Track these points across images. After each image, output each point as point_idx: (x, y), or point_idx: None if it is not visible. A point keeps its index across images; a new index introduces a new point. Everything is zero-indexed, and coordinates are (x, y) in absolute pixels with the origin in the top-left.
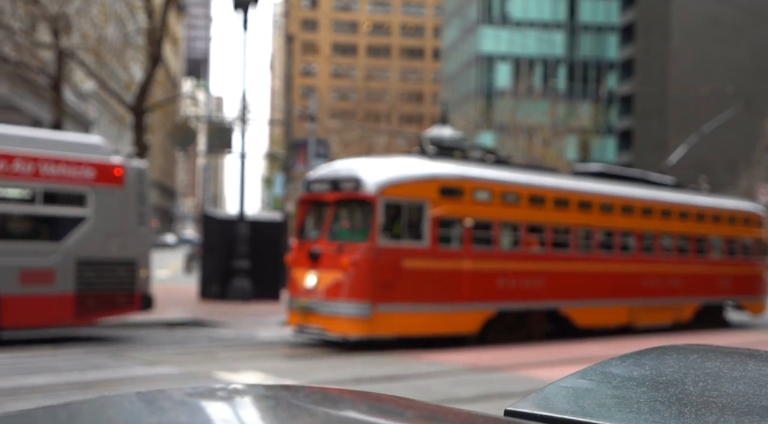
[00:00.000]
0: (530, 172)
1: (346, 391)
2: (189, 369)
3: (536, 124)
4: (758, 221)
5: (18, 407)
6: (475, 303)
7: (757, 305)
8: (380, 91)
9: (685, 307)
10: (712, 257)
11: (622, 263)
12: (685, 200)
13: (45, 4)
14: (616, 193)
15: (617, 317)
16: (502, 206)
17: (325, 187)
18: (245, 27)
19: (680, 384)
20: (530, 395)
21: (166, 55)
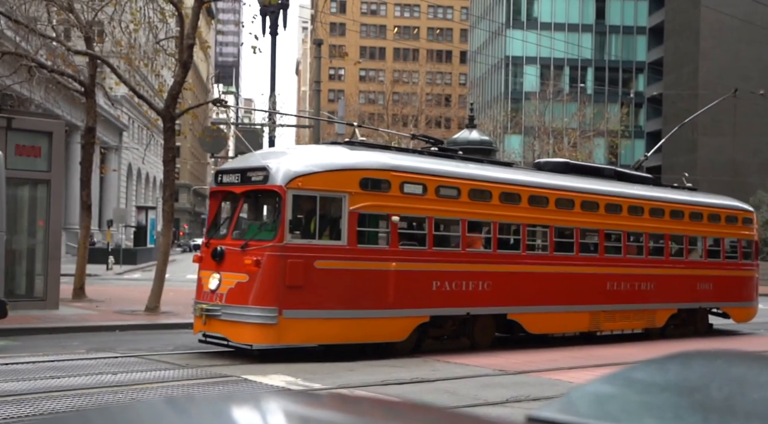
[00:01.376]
0: (478, 165)
1: (363, 397)
2: (219, 371)
3: (564, 127)
4: (748, 221)
5: (51, 407)
6: (403, 308)
7: (742, 312)
8: (407, 95)
9: (657, 312)
10: (691, 259)
11: (582, 264)
12: (659, 197)
13: (79, 12)
14: (576, 188)
15: (576, 324)
16: (438, 201)
17: (235, 179)
18: (273, 32)
19: (705, 390)
20: (553, 400)
21: (197, 61)
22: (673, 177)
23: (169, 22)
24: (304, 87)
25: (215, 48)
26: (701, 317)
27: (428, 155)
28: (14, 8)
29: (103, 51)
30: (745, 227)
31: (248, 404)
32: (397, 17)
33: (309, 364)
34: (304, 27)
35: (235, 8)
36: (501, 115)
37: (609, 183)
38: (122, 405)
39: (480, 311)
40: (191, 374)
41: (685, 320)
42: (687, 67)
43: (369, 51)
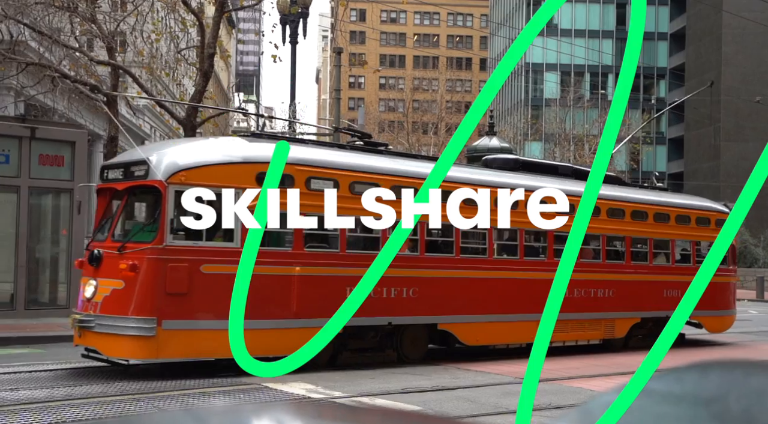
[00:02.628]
0: (408, 161)
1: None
2: (239, 379)
3: (585, 134)
4: (723, 223)
5: (74, 415)
6: (310, 318)
7: (716, 321)
8: (427, 103)
9: (617, 322)
10: (656, 264)
11: (528, 269)
12: (619, 196)
13: (101, 23)
14: (520, 185)
15: (521, 334)
16: (354, 199)
17: (119, 174)
18: (293, 41)
19: (722, 401)
20: (569, 410)
21: (218, 70)
22: (695, 184)
23: (190, 32)
24: (325, 95)
25: (236, 57)
26: None
27: (350, 149)
28: (38, 19)
29: (125, 61)
30: (719, 229)
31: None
32: (416, 25)
33: (329, 372)
34: (324, 35)
35: (256, 17)
36: (521, 122)
37: (564, 181)
38: (141, 415)
39: (404, 320)
40: (211, 382)
41: (652, 330)
42: (709, 73)
43: (389, 59)
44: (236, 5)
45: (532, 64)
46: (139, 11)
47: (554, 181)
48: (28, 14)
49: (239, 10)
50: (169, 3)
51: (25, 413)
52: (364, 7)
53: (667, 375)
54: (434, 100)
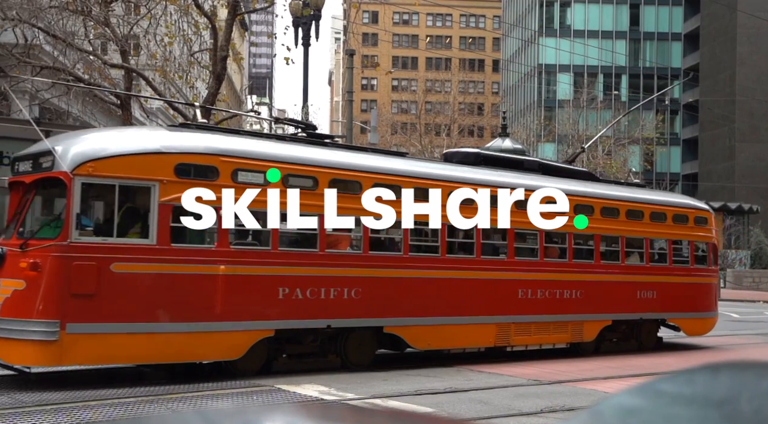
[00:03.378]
0: (352, 153)
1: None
2: (252, 380)
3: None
4: (702, 221)
5: (87, 416)
6: (236, 321)
7: (695, 324)
8: (440, 104)
9: (585, 324)
10: (629, 263)
11: (486, 268)
12: (587, 192)
13: (115, 26)
14: (481, 180)
15: (478, 338)
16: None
17: (28, 166)
18: (306, 43)
19: (734, 402)
20: (578, 412)
21: (231, 73)
22: (710, 185)
23: (203, 35)
24: (337, 97)
25: (249, 60)
26: (647, 330)
27: (289, 141)
28: (52, 23)
29: (139, 64)
30: (699, 227)
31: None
32: (429, 26)
33: (342, 374)
34: (336, 38)
35: (268, 20)
36: (534, 124)
37: (528, 176)
38: (153, 416)
39: (346, 323)
40: (225, 384)
41: (626, 333)
42: (724, 73)
43: (401, 60)
44: (249, 8)
45: (545, 66)
46: (153, 14)
47: (516, 177)
48: (42, 18)
49: (251, 12)
50: (182, 6)
51: (40, 414)
52: (376, 9)
53: (677, 376)
54: (447, 101)
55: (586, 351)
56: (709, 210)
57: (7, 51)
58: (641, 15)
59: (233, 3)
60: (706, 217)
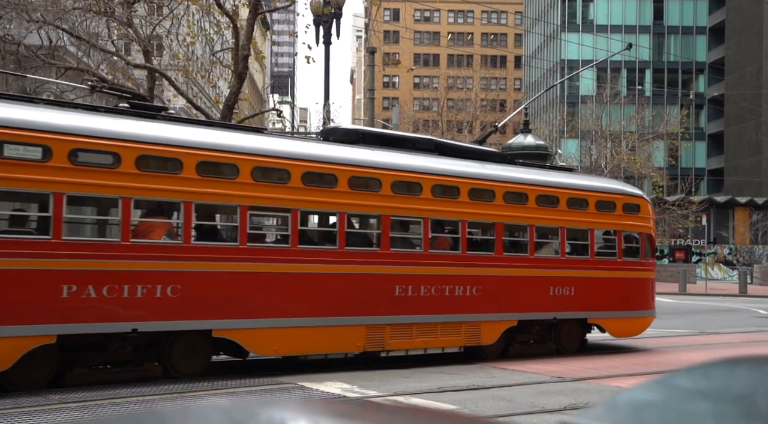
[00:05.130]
0: (182, 127)
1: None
2: (276, 379)
3: (622, 131)
4: (632, 208)
5: (111, 413)
6: (3, 326)
7: (623, 324)
8: (462, 101)
9: (483, 325)
10: (540, 256)
11: (352, 261)
12: (487, 175)
13: (137, 27)
14: (349, 159)
15: (343, 342)
16: (75, 171)
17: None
18: (327, 41)
19: (750, 397)
20: (591, 407)
21: (253, 72)
22: (736, 180)
23: (224, 34)
24: (359, 95)
25: (271, 58)
26: (567, 331)
27: (107, 113)
28: (76, 25)
29: (161, 64)
30: (629, 216)
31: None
32: (450, 23)
33: (365, 371)
34: (358, 36)
35: (290, 19)
36: (557, 120)
37: (419, 157)
38: (175, 410)
39: (157, 326)
40: (248, 381)
41: (541, 334)
42: (750, 67)
43: (423, 58)
44: (270, 7)
45: (568, 61)
46: (175, 15)
47: (402, 157)
48: (66, 20)
49: (273, 11)
50: (204, 6)
51: (63, 412)
52: (397, 6)
53: (693, 371)
54: (469, 98)
55: (489, 356)
56: (642, 196)
57: (32, 53)
58: (665, 9)
59: (254, 2)
60: (638, 204)
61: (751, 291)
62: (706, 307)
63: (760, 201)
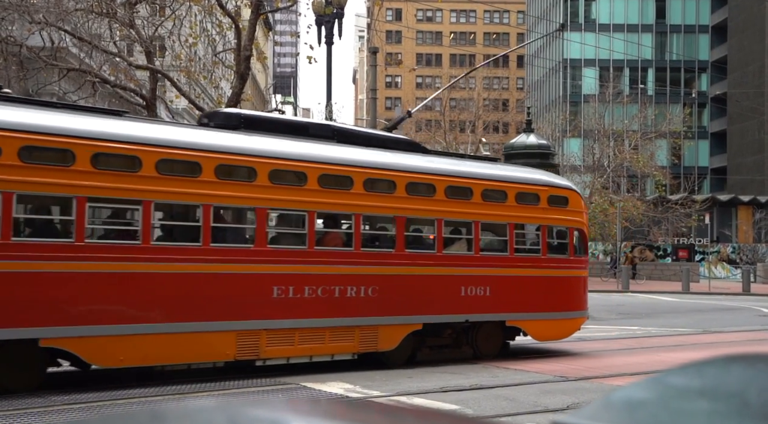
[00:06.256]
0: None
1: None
2: (279, 379)
3: (624, 130)
4: (559, 201)
5: (117, 412)
6: None
7: (547, 326)
8: (464, 101)
9: (381, 330)
10: (449, 252)
11: (215, 260)
12: (387, 164)
13: (140, 28)
14: (215, 146)
15: (204, 350)
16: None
17: None
18: (329, 42)
19: (742, 395)
20: (584, 406)
21: (255, 72)
22: (740, 178)
23: (227, 35)
24: (362, 95)
25: (273, 59)
26: (486, 334)
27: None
28: (78, 26)
29: (164, 65)
30: (555, 209)
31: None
32: (452, 23)
33: (368, 371)
34: (360, 36)
35: (292, 20)
36: (559, 119)
37: (310, 145)
38: (176, 409)
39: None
40: (250, 382)
41: (456, 338)
42: (752, 65)
43: (425, 58)
44: (272, 7)
45: (570, 60)
46: (177, 16)
47: (287, 144)
48: (68, 21)
49: (274, 12)
50: (206, 7)
51: (68, 412)
52: (399, 6)
53: (687, 369)
54: (471, 98)
55: (392, 362)
56: (570, 188)
57: (35, 54)
58: (668, 7)
59: (256, 2)
60: (566, 196)
61: (754, 290)
62: (710, 305)
63: (763, 199)
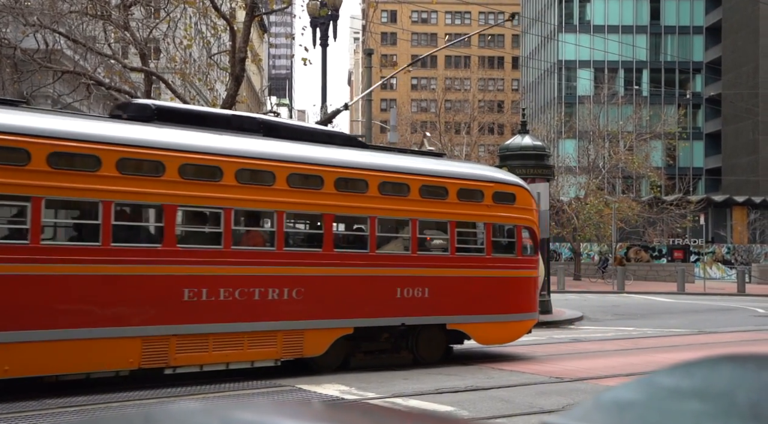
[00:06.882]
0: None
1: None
2: (274, 381)
3: (619, 131)
4: (505, 198)
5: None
6: None
7: (492, 329)
8: (460, 102)
9: (308, 334)
10: (383, 252)
11: (115, 261)
12: (318, 159)
13: (134, 30)
14: (115, 138)
15: (105, 358)
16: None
17: None
18: (324, 44)
19: (730, 396)
20: (573, 407)
21: (250, 74)
22: (734, 179)
23: (221, 37)
24: (357, 96)
25: (268, 61)
26: (426, 338)
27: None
28: (73, 28)
29: (158, 67)
30: (501, 206)
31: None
32: (447, 25)
33: (364, 373)
34: (355, 38)
35: (287, 21)
36: (554, 120)
37: (222, 137)
38: (164, 411)
39: None
40: (247, 384)
41: (395, 343)
42: (746, 66)
43: (420, 59)
44: (267, 9)
45: (565, 62)
46: (171, 18)
47: (203, 137)
48: (63, 23)
49: (269, 14)
50: (201, 9)
51: (61, 415)
52: (394, 8)
53: (676, 369)
54: (466, 99)
55: (322, 368)
56: (518, 184)
57: (29, 56)
58: (662, 9)
59: (251, 4)
60: (512, 193)
61: (749, 290)
62: (705, 306)
63: (758, 200)
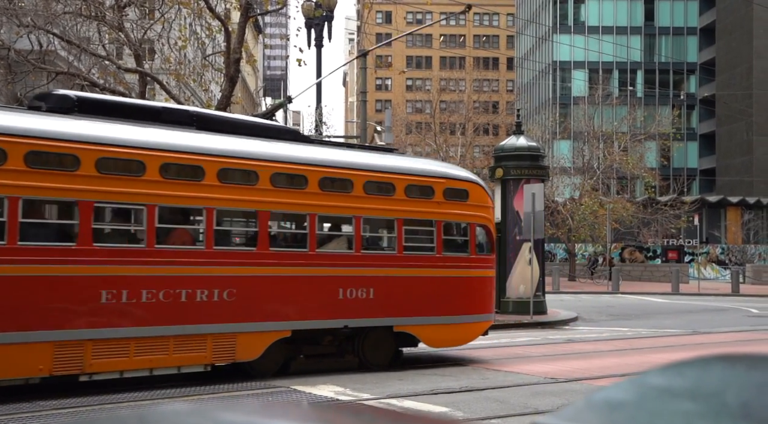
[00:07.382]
0: None
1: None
2: (269, 382)
3: (614, 131)
4: (458, 195)
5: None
6: None
7: (442, 332)
8: (454, 103)
9: (240, 338)
10: (325, 250)
11: (23, 261)
12: (253, 153)
13: (129, 31)
14: (22, 130)
15: (7, 365)
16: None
17: None
18: (319, 44)
19: (721, 396)
20: (563, 407)
21: (245, 75)
22: (728, 180)
23: (216, 38)
24: (352, 98)
25: (263, 62)
26: (373, 341)
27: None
28: (67, 29)
29: (153, 68)
30: (453, 203)
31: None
32: (442, 26)
33: (359, 374)
34: (350, 38)
35: (282, 22)
36: (549, 121)
37: (147, 130)
38: (158, 412)
39: None
40: (241, 385)
41: (339, 346)
42: (740, 67)
43: (415, 60)
44: (261, 10)
45: (560, 63)
46: (166, 19)
47: (126, 130)
48: (57, 24)
49: (263, 14)
50: (195, 10)
51: (55, 417)
52: (389, 9)
53: (668, 369)
54: (461, 100)
55: (260, 373)
56: (472, 180)
57: (23, 57)
58: (656, 10)
59: (246, 5)
60: (465, 189)
61: (743, 290)
62: (699, 306)
63: (752, 200)
